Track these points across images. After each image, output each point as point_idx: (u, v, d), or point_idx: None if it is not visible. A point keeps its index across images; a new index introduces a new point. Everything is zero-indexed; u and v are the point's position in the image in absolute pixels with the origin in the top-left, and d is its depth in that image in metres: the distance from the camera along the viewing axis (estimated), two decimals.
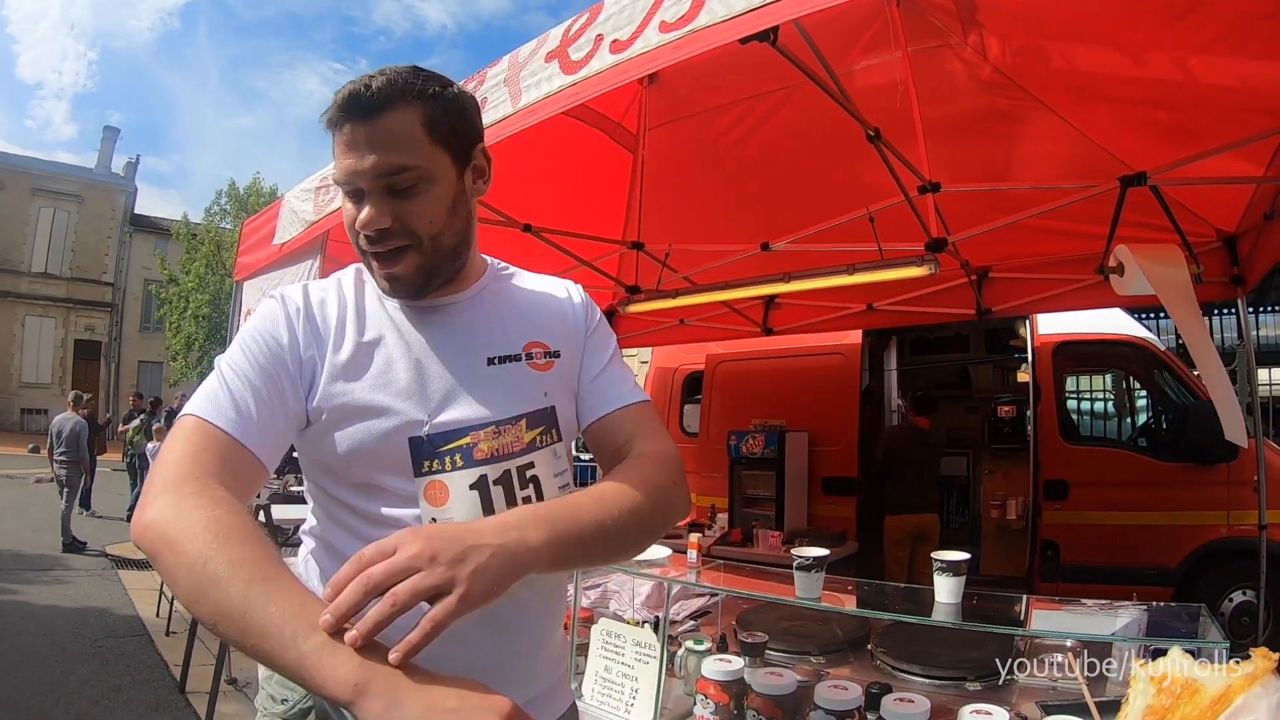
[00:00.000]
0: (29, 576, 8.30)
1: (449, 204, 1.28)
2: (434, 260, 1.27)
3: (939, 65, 3.56)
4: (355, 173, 1.22)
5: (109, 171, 32.78)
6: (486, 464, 1.24)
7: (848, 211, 4.18)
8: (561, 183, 4.73)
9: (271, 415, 1.18)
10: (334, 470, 1.26)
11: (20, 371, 29.35)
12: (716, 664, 2.44)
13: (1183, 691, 1.38)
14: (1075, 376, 7.56)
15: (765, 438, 6.88)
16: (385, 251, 1.25)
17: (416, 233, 1.24)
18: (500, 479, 1.25)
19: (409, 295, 1.30)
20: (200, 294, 26.23)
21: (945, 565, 2.39)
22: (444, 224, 1.28)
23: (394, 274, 1.26)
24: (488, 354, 1.32)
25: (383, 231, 1.23)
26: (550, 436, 1.32)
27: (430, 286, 1.30)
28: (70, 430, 10.83)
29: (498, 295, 1.42)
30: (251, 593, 0.91)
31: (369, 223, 1.22)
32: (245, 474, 1.14)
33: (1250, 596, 5.51)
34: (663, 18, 2.25)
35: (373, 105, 1.20)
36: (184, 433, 1.14)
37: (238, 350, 1.23)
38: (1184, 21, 2.85)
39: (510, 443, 1.26)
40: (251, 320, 1.30)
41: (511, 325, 1.38)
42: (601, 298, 5.81)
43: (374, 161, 1.20)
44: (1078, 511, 6.15)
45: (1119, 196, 3.53)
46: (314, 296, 1.32)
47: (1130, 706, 1.46)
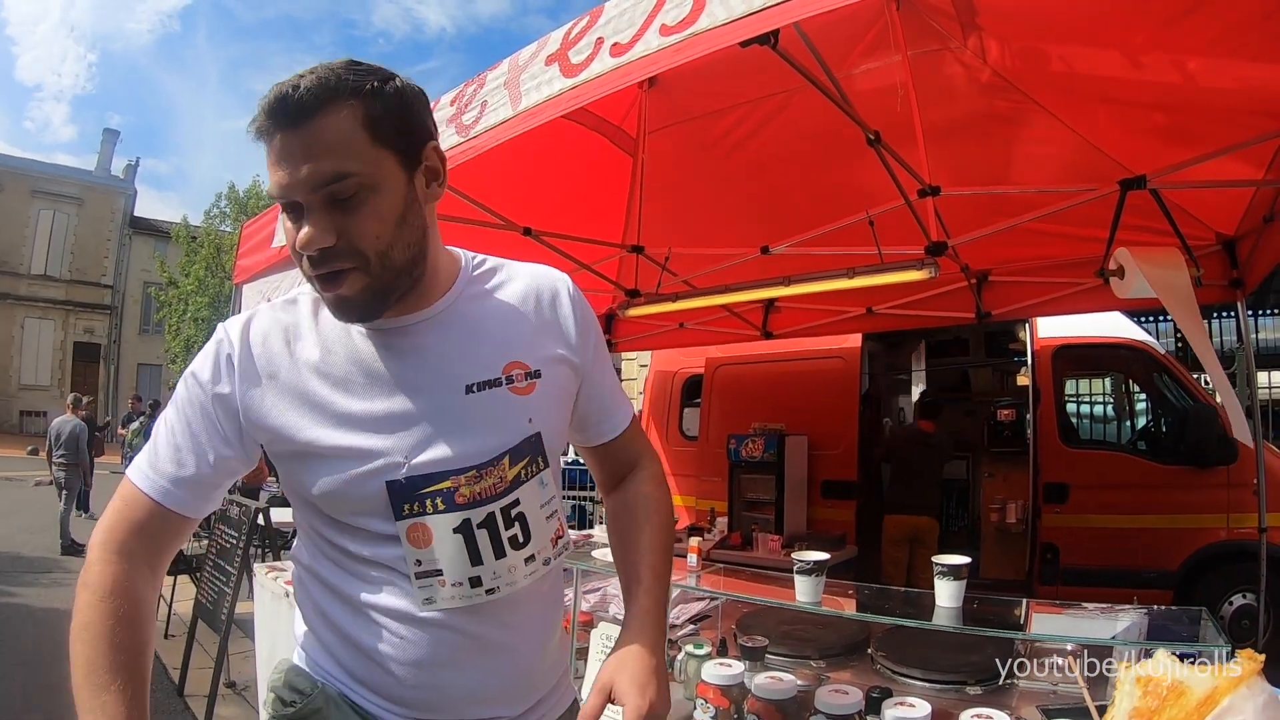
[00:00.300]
0: (28, 579, 8.29)
1: (398, 215, 1.16)
2: (383, 280, 1.16)
3: (939, 68, 3.56)
4: (289, 185, 1.10)
5: (109, 174, 32.82)
6: (469, 508, 1.21)
7: (847, 215, 4.17)
8: (561, 186, 4.73)
9: (197, 469, 1.22)
10: (314, 505, 1.24)
11: (19, 374, 29.36)
12: (716, 668, 2.43)
13: (1169, 693, 1.39)
14: (1075, 380, 7.56)
15: (765, 441, 6.88)
16: (328, 274, 1.14)
17: (362, 251, 1.13)
18: (484, 522, 1.22)
19: (359, 319, 1.20)
20: (200, 296, 26.26)
21: (946, 569, 2.39)
22: (392, 237, 1.15)
23: (340, 295, 1.15)
24: (465, 380, 1.23)
25: (325, 252, 1.12)
26: (535, 466, 1.27)
27: (384, 307, 1.19)
28: (69, 433, 10.83)
29: (471, 308, 1.30)
30: (80, 691, 1.07)
31: (309, 242, 1.11)
32: (165, 533, 1.22)
33: (1250, 599, 5.51)
34: (663, 21, 2.24)
35: (303, 109, 1.09)
36: (119, 496, 1.23)
37: (171, 405, 1.26)
38: (1183, 24, 2.84)
39: (493, 485, 1.22)
40: (190, 367, 1.27)
41: (488, 345, 1.27)
42: (601, 301, 5.81)
43: (309, 171, 1.09)
44: (1077, 515, 6.15)
45: (1119, 200, 3.53)
46: (258, 327, 1.25)
47: (1116, 709, 1.46)
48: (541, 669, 1.36)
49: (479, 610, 1.23)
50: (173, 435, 1.22)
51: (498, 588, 1.23)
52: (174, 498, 1.20)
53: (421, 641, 1.20)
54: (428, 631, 1.21)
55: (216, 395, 1.21)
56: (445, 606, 1.21)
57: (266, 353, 1.22)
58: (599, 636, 2.79)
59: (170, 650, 5.81)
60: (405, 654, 1.21)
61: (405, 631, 1.20)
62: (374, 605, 1.21)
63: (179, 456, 1.21)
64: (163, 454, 1.21)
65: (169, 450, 1.21)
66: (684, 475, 8.00)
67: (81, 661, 1.08)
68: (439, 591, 1.20)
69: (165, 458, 1.21)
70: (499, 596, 1.23)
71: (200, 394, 1.22)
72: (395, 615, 1.21)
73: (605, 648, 2.75)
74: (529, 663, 1.32)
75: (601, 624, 2.84)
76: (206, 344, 1.26)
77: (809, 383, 7.24)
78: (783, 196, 4.69)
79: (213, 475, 1.23)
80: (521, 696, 1.31)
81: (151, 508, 1.20)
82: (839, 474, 7.04)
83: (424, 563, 1.19)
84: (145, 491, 1.20)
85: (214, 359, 1.23)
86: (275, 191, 1.13)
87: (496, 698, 1.27)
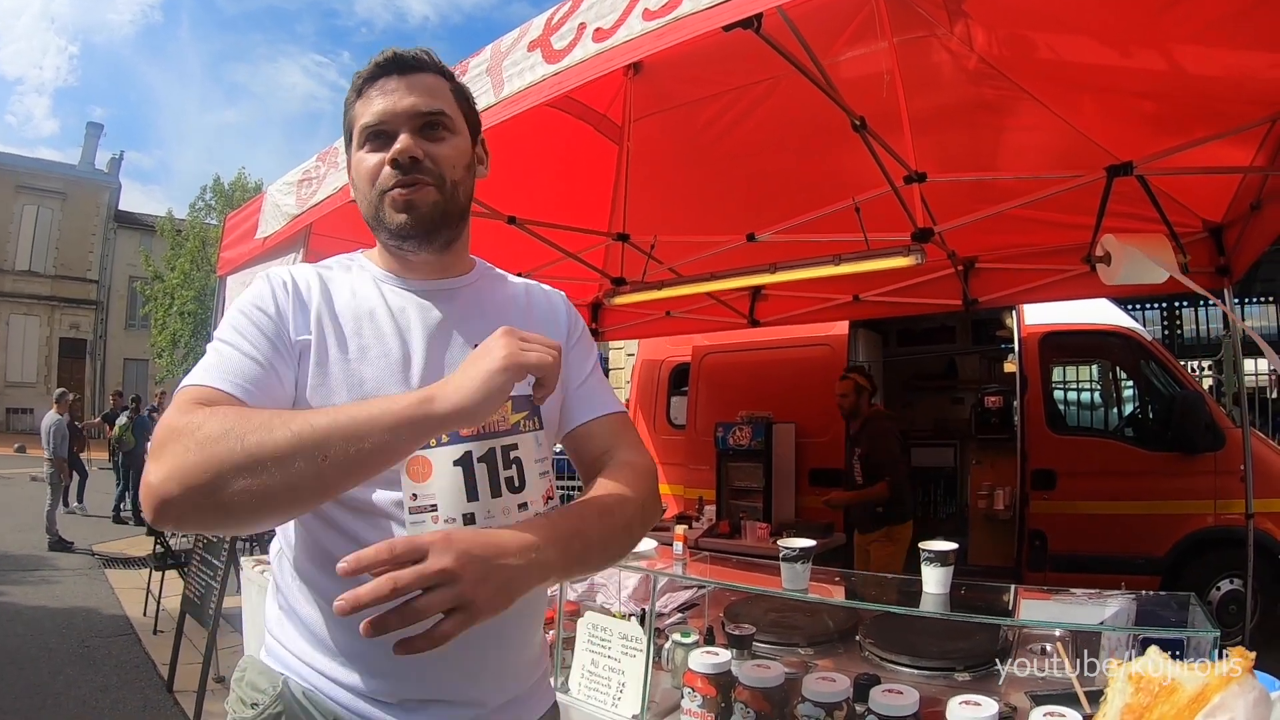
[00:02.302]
0: (15, 577, 8.26)
1: (467, 162, 1.38)
2: (448, 206, 1.34)
3: (925, 55, 3.55)
4: (392, 112, 1.30)
5: (93, 168, 32.61)
6: (472, 441, 1.20)
7: (834, 202, 4.16)
8: (546, 175, 4.71)
9: (269, 384, 1.19)
10: None
11: (5, 371, 29.20)
12: (704, 656, 2.43)
13: (1160, 690, 1.40)
14: (1062, 367, 7.57)
15: (752, 429, 6.90)
16: (410, 181, 1.30)
17: (442, 173, 1.32)
18: (485, 456, 1.21)
19: (416, 229, 1.32)
20: (185, 290, 26.08)
21: (933, 556, 2.38)
22: (461, 176, 1.36)
23: (413, 200, 1.30)
24: (475, 340, 1.27)
25: (415, 161, 1.29)
26: (533, 423, 1.30)
27: (438, 234, 1.35)
28: (54, 430, 10.80)
29: (486, 291, 1.46)
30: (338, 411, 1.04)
31: (407, 149, 1.28)
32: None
33: (1238, 585, 5.54)
34: (645, 5, 2.22)
35: (415, 64, 1.33)
36: (184, 399, 1.11)
37: (230, 327, 1.23)
38: (1171, 11, 2.84)
39: (496, 421, 1.23)
40: (242, 298, 1.29)
41: (496, 321, 1.31)
42: (587, 290, 5.80)
43: (413, 102, 1.30)
44: (1065, 501, 6.19)
45: (1105, 186, 3.52)
46: (301, 276, 1.34)
47: (1109, 705, 1.47)
48: (524, 659, 1.36)
49: None
50: (244, 352, 1.19)
51: (490, 528, 1.19)
52: (258, 402, 1.15)
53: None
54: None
55: (280, 325, 1.25)
56: None
57: (311, 294, 1.31)
58: (586, 626, 2.78)
59: (158, 646, 5.80)
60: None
61: None
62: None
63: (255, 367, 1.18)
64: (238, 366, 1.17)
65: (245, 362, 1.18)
66: (672, 464, 8.01)
67: (255, 429, 0.99)
68: (430, 529, 1.16)
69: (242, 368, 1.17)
70: None
71: (268, 322, 1.25)
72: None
73: (593, 637, 2.74)
74: (511, 650, 1.32)
75: (589, 613, 2.82)
76: (256, 284, 1.33)
77: (796, 370, 7.24)
78: (769, 183, 4.68)
79: (283, 399, 1.22)
80: (499, 682, 1.30)
81: (233, 403, 1.13)
82: (827, 462, 7.03)
83: (420, 497, 1.18)
84: (226, 390, 1.13)
85: (273, 296, 1.29)
86: (373, 119, 1.31)
87: (478, 673, 1.27)
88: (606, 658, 2.68)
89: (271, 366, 1.20)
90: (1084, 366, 7.84)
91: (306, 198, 3.97)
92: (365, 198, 1.35)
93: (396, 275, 1.39)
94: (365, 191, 1.34)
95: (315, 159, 3.96)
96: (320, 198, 3.78)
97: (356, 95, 1.35)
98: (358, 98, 1.34)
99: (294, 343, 1.25)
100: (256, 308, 1.25)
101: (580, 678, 2.72)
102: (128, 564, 9.06)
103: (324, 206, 3.75)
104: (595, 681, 2.67)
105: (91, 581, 8.33)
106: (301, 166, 4.13)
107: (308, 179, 3.98)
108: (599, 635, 2.72)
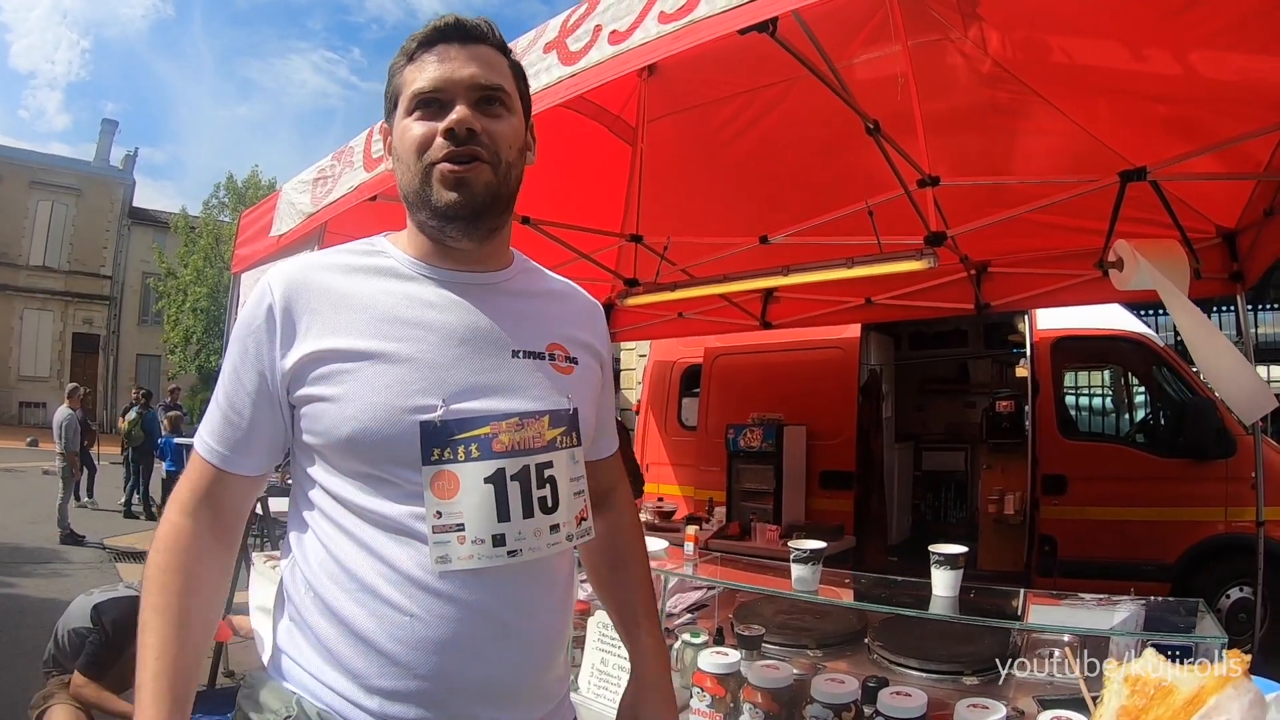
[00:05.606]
0: (27, 569, 8.31)
1: (521, 143, 1.31)
2: (500, 189, 1.26)
3: (939, 59, 3.55)
4: (450, 79, 1.23)
5: (107, 164, 32.69)
6: (505, 457, 1.18)
7: (847, 205, 4.16)
8: (560, 175, 4.71)
9: (256, 433, 1.25)
10: (332, 460, 1.20)
11: (19, 365, 29.31)
12: (713, 657, 2.44)
13: (1156, 692, 1.41)
14: (1074, 372, 7.55)
15: (763, 431, 6.89)
16: (465, 154, 1.22)
17: (498, 152, 1.25)
18: (518, 474, 1.19)
19: (463, 209, 1.23)
20: (198, 287, 26.27)
21: (943, 559, 2.39)
22: (515, 157, 1.29)
23: (466, 178, 1.22)
24: (512, 346, 1.27)
25: (470, 134, 1.22)
26: (570, 439, 1.28)
27: (485, 219, 1.27)
28: (66, 424, 10.86)
29: (524, 287, 1.38)
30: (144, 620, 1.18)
31: (463, 120, 1.21)
32: (235, 494, 1.29)
33: (1248, 593, 5.51)
34: (662, 8, 2.23)
35: (477, 33, 1.27)
36: (190, 466, 1.29)
37: (225, 370, 1.27)
38: (1185, 16, 2.84)
39: (532, 437, 1.21)
40: (238, 322, 1.27)
41: (536, 320, 1.33)
42: (600, 291, 5.80)
43: (473, 72, 1.23)
44: (1076, 507, 6.15)
45: (1119, 191, 3.52)
46: (293, 286, 1.23)
47: (1105, 707, 1.48)
48: (553, 676, 1.30)
49: (493, 582, 1.17)
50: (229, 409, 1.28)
51: (520, 550, 1.18)
52: (238, 464, 1.27)
53: (429, 617, 1.14)
54: (436, 604, 1.14)
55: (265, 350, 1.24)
56: (461, 568, 1.15)
57: (323, 288, 1.24)
58: (596, 625, 2.79)
59: None
60: (411, 633, 1.14)
61: (412, 605, 1.14)
62: (380, 573, 1.15)
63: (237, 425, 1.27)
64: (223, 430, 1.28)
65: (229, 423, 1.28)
66: (682, 465, 8.01)
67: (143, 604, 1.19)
68: (456, 549, 1.15)
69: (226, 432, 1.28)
70: (520, 560, 1.18)
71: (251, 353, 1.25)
72: (402, 583, 1.14)
73: (603, 636, 2.75)
74: (542, 659, 1.25)
75: (598, 612, 2.83)
76: (253, 297, 1.29)
77: (808, 373, 7.24)
78: (782, 186, 4.68)
79: (274, 432, 1.28)
80: (530, 697, 1.26)
81: (217, 475, 1.27)
82: (837, 464, 7.04)
83: (444, 515, 1.15)
84: (212, 463, 1.27)
85: (265, 313, 1.25)
86: (428, 85, 1.23)
87: (506, 694, 1.20)
88: (616, 657, 2.69)
89: (252, 424, 1.24)
90: (1096, 372, 7.81)
91: (321, 196, 3.99)
92: (409, 169, 1.24)
93: (430, 264, 1.29)
94: (410, 163, 1.24)
95: (330, 157, 3.97)
96: (335, 196, 3.79)
97: (408, 59, 1.26)
98: (409, 62, 1.26)
99: (284, 374, 1.21)
100: (241, 338, 1.24)
101: (590, 676, 2.74)
102: (139, 558, 9.08)
103: (339, 205, 3.76)
104: (605, 680, 2.69)
105: (102, 575, 8.34)
106: (317, 165, 4.15)
107: (323, 177, 4.00)
108: (609, 634, 2.73)
